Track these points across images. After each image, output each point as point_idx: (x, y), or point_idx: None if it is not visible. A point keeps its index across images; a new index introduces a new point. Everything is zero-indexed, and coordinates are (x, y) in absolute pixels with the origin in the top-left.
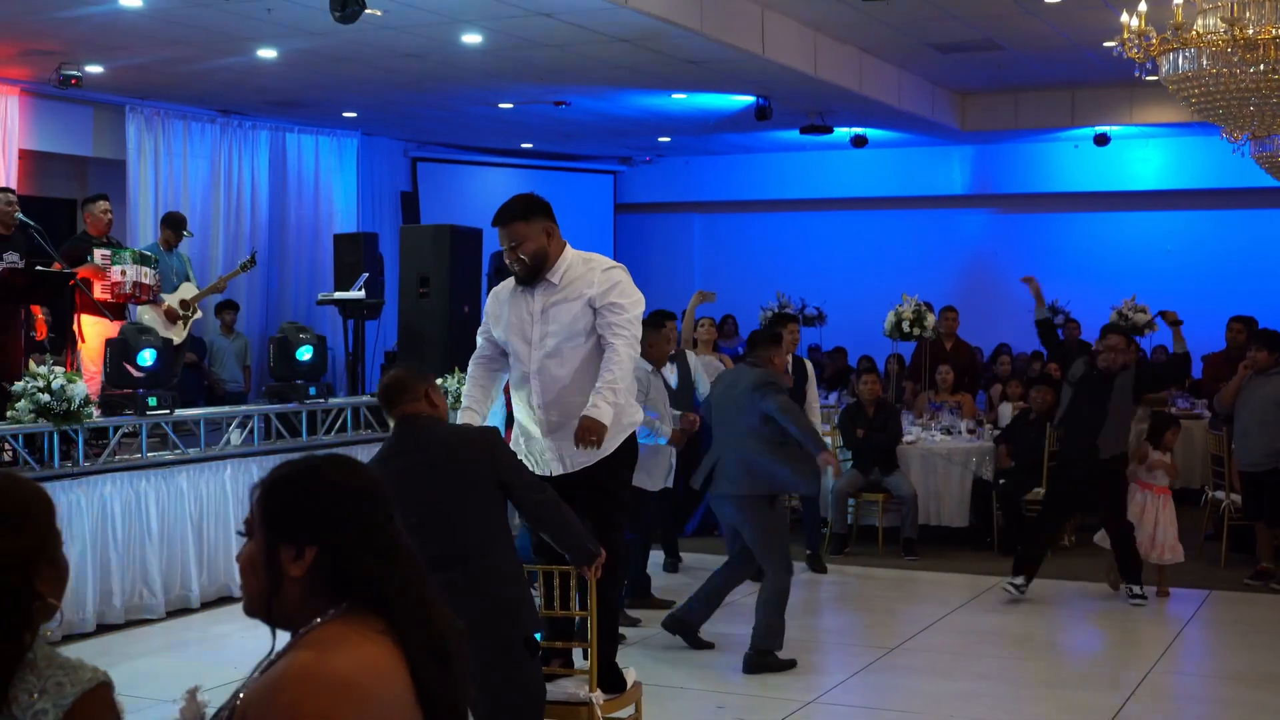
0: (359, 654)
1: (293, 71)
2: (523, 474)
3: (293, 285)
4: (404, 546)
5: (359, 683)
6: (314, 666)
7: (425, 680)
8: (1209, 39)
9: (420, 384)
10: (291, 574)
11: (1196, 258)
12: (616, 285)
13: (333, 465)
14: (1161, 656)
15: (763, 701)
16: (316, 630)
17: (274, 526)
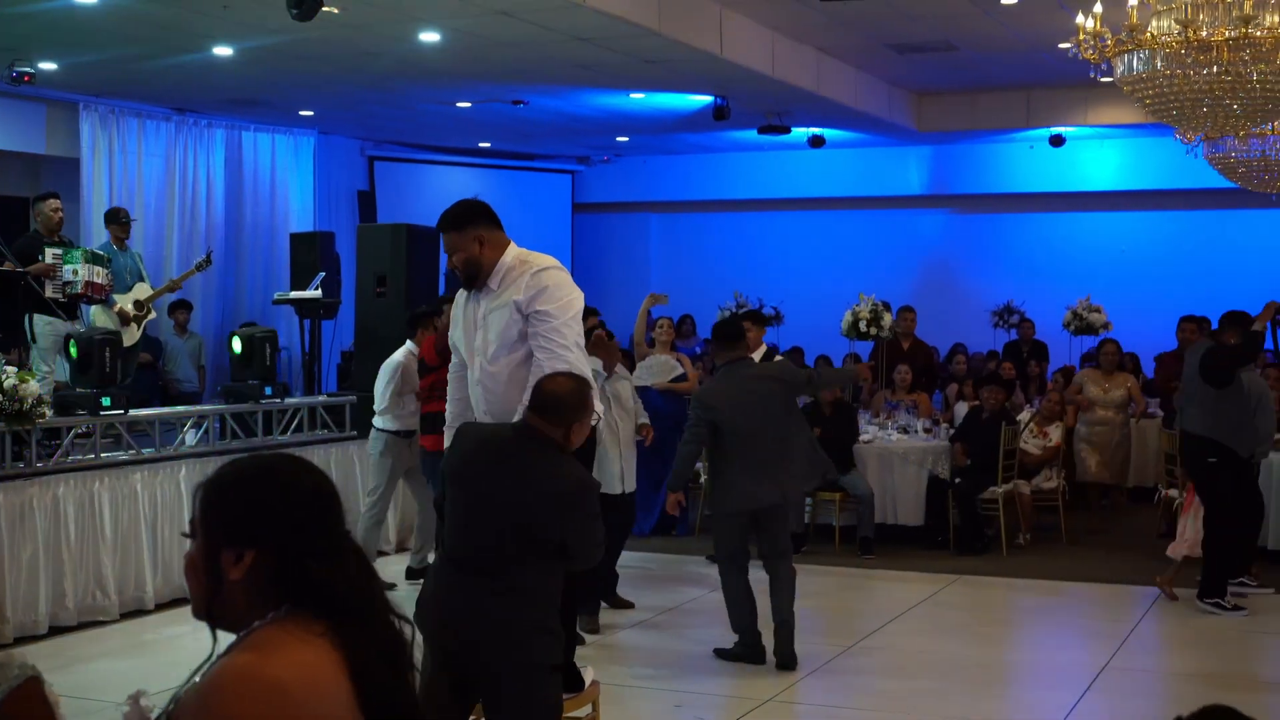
0: (296, 658)
1: (249, 69)
2: (591, 531)
3: (248, 285)
4: (350, 549)
5: (293, 687)
6: (248, 670)
7: (369, 685)
8: (1163, 41)
9: (571, 416)
10: (231, 577)
11: (1150, 258)
12: (544, 291)
13: (276, 466)
14: (1115, 653)
15: (721, 700)
16: (255, 633)
17: (214, 529)
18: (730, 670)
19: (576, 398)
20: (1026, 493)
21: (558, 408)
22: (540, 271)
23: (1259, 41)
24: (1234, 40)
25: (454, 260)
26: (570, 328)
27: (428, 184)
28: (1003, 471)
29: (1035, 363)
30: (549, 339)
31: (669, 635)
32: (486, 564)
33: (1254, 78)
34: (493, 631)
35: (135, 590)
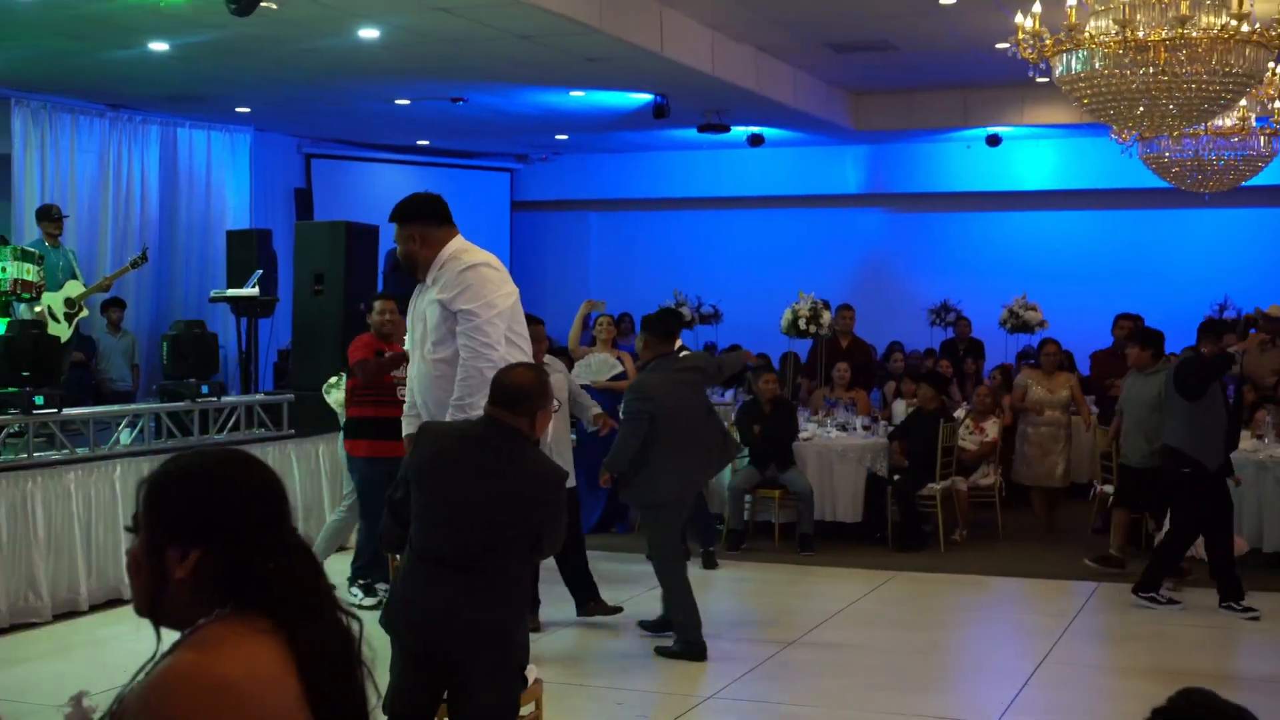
0: (242, 655)
1: (185, 65)
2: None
3: (183, 283)
4: (296, 545)
5: (238, 685)
6: (192, 668)
7: (317, 682)
8: (1101, 41)
9: (534, 405)
10: (176, 575)
11: (1085, 257)
12: (466, 289)
13: (221, 462)
14: (1053, 648)
15: (662, 698)
16: (200, 631)
17: (158, 526)
18: (671, 668)
19: (537, 387)
20: (964, 490)
21: (520, 398)
22: (465, 270)
23: (1195, 42)
24: (1170, 40)
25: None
26: (494, 325)
27: (365, 182)
28: (941, 469)
29: (971, 360)
30: (471, 338)
31: (609, 633)
32: (467, 562)
33: (1190, 78)
34: (469, 629)
35: (68, 592)
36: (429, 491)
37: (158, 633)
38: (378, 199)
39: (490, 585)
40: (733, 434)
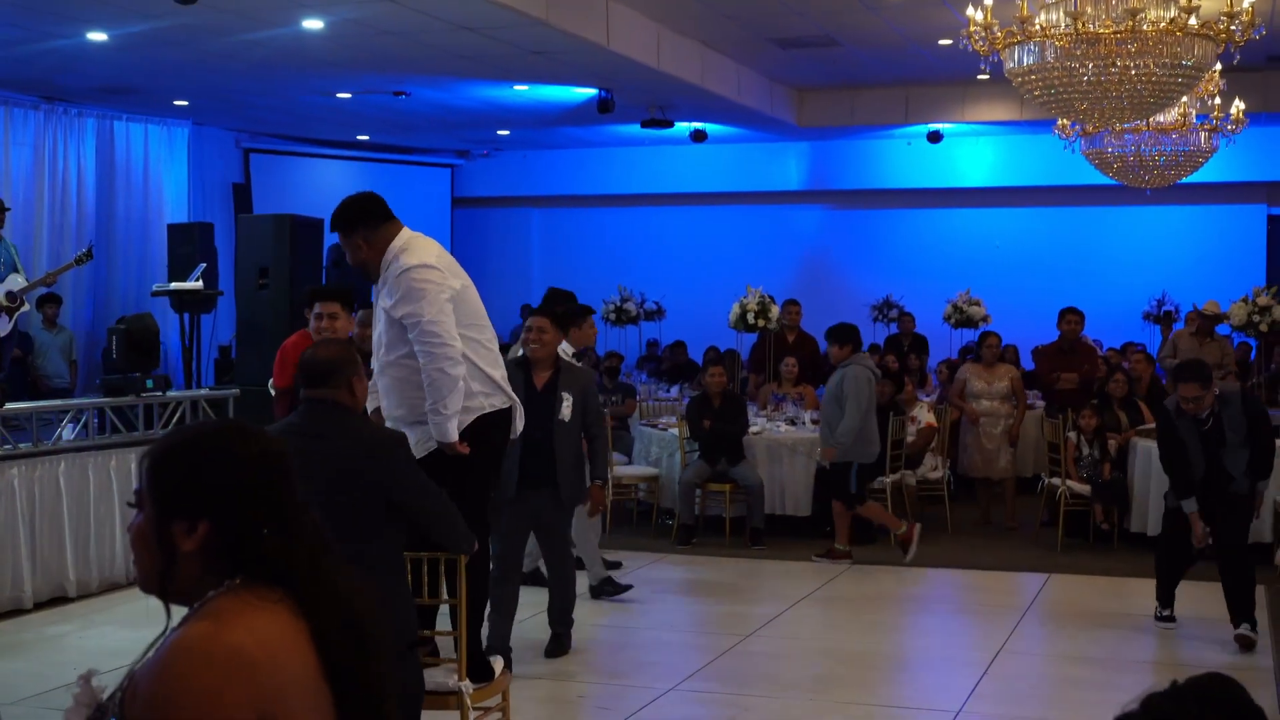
0: (255, 626)
1: (124, 56)
2: (416, 485)
3: (121, 278)
4: (306, 517)
5: (253, 656)
6: (205, 640)
7: (332, 653)
8: (1052, 33)
9: (347, 372)
10: (185, 549)
11: (1027, 252)
12: (404, 296)
13: (224, 433)
14: (1008, 639)
15: (623, 689)
16: (211, 602)
17: (164, 500)
18: (630, 661)
19: (341, 357)
20: (912, 483)
21: (327, 371)
22: (401, 274)
23: (1145, 35)
24: (1120, 34)
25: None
26: (439, 323)
27: (304, 177)
28: (890, 462)
29: (915, 356)
30: (422, 342)
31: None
32: None
33: (1140, 71)
34: None
35: (13, 590)
36: None
37: (167, 609)
38: (317, 195)
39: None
40: (682, 429)
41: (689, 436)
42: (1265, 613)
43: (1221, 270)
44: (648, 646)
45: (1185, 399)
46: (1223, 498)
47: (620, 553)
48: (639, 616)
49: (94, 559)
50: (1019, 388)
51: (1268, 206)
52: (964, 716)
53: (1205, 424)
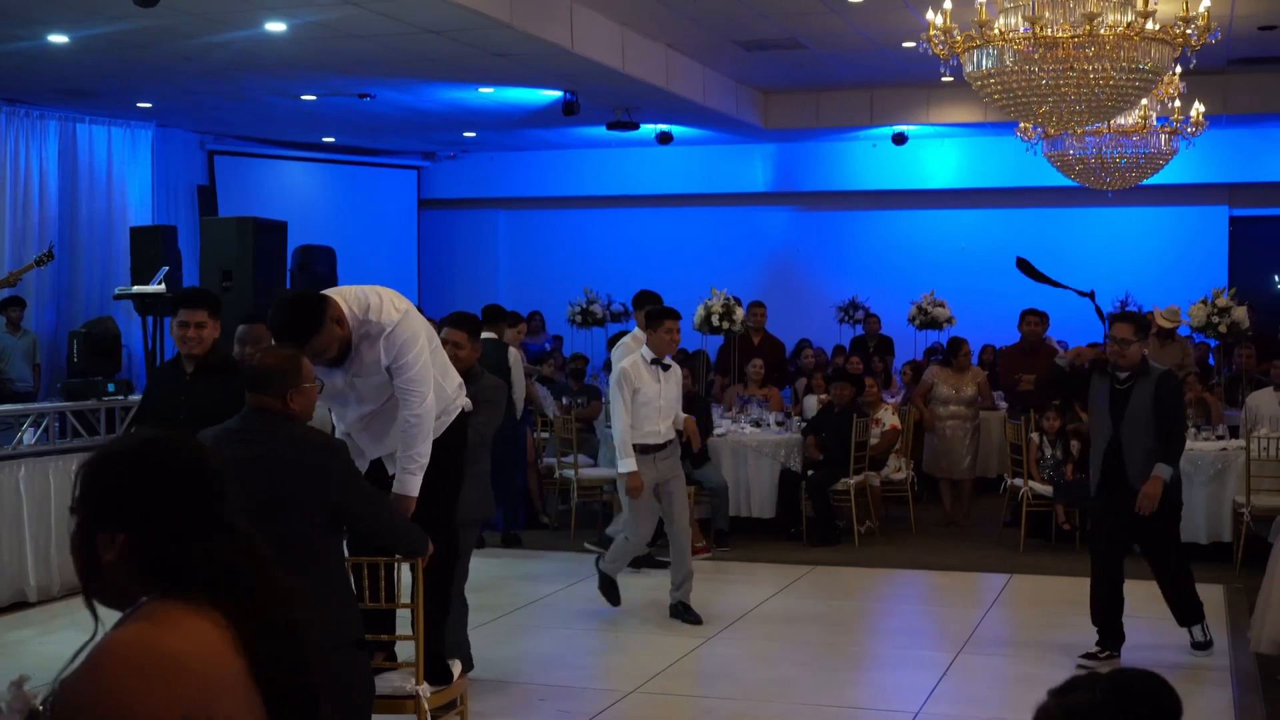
0: (185, 630)
1: (86, 58)
2: (356, 491)
3: (85, 281)
4: (232, 525)
5: (181, 659)
6: (133, 643)
7: (260, 658)
8: (1011, 37)
9: (288, 382)
10: (106, 558)
11: (991, 254)
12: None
13: (155, 445)
14: (969, 639)
15: (584, 692)
16: (143, 607)
17: (88, 510)
18: (592, 664)
19: (288, 364)
20: (877, 484)
21: (267, 378)
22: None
23: (1102, 39)
24: (1078, 38)
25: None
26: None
27: (270, 179)
28: (854, 463)
29: (880, 358)
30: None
31: (533, 629)
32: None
33: (1098, 74)
34: None
35: None
36: None
37: (94, 614)
38: (284, 197)
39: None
40: None
41: None
42: (1225, 612)
43: (1184, 271)
44: (610, 649)
45: (1113, 340)
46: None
47: (586, 555)
48: (602, 619)
49: (55, 563)
50: (986, 391)
51: (1229, 208)
52: (923, 717)
53: (1121, 386)
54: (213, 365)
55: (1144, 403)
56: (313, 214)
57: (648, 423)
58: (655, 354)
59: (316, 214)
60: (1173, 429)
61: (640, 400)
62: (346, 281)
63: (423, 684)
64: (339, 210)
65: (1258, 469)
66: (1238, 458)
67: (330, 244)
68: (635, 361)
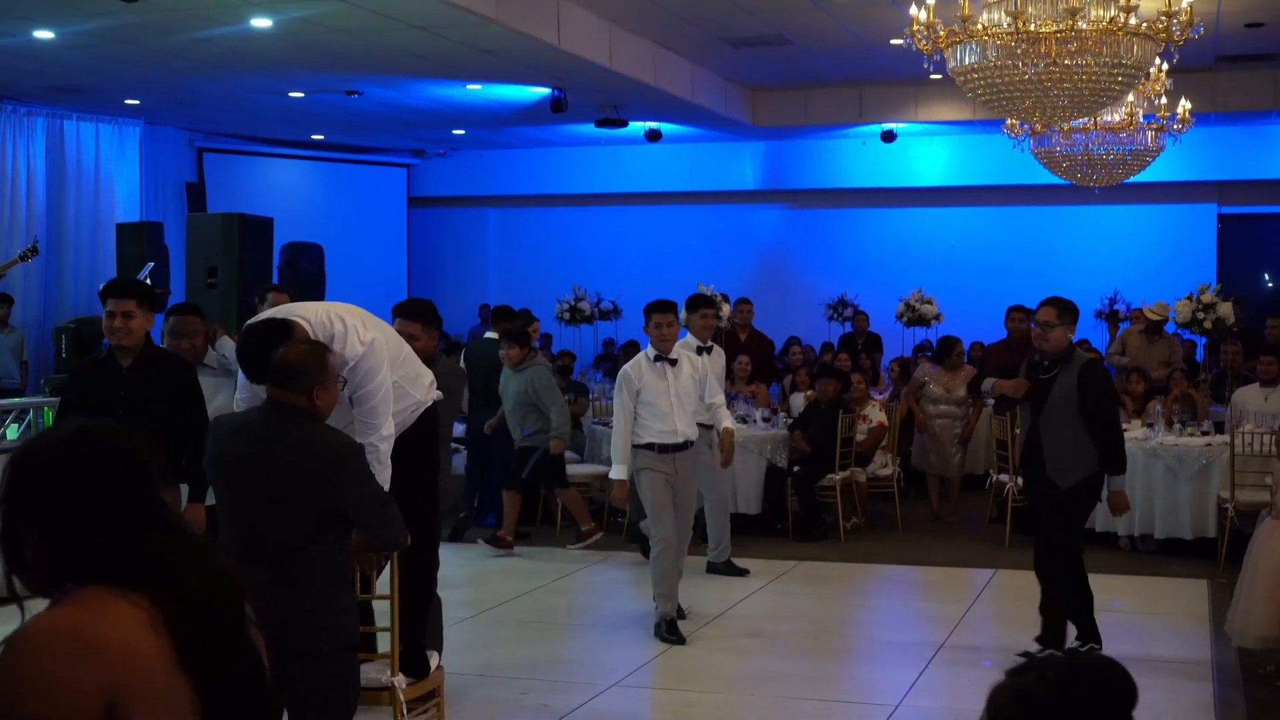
0: (106, 615)
1: (72, 54)
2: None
3: (71, 277)
4: (156, 515)
5: (102, 643)
6: (53, 626)
7: (187, 643)
8: (994, 32)
9: (311, 379)
10: (27, 553)
11: (979, 251)
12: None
13: (81, 439)
14: (952, 632)
15: (566, 686)
16: (70, 593)
17: (11, 504)
18: (572, 659)
19: (312, 359)
20: (863, 480)
21: (293, 373)
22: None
23: (1085, 34)
24: (1061, 33)
25: None
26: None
27: (259, 177)
28: (840, 459)
29: (868, 355)
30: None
31: (513, 624)
32: (268, 553)
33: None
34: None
35: None
36: (221, 488)
37: (21, 609)
38: (273, 194)
39: (296, 577)
40: None
41: None
42: (1208, 607)
43: (1172, 269)
44: (591, 644)
45: (1036, 323)
46: (1042, 486)
47: (571, 551)
48: (584, 614)
49: None
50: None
51: (1218, 206)
52: (903, 709)
53: (1044, 375)
54: (151, 358)
55: (1066, 392)
56: (302, 212)
57: (658, 421)
58: (656, 350)
59: (306, 212)
60: (1103, 430)
61: (645, 400)
62: (337, 279)
63: (398, 675)
64: (329, 208)
65: (1242, 464)
66: (1222, 453)
67: (320, 241)
68: (637, 361)
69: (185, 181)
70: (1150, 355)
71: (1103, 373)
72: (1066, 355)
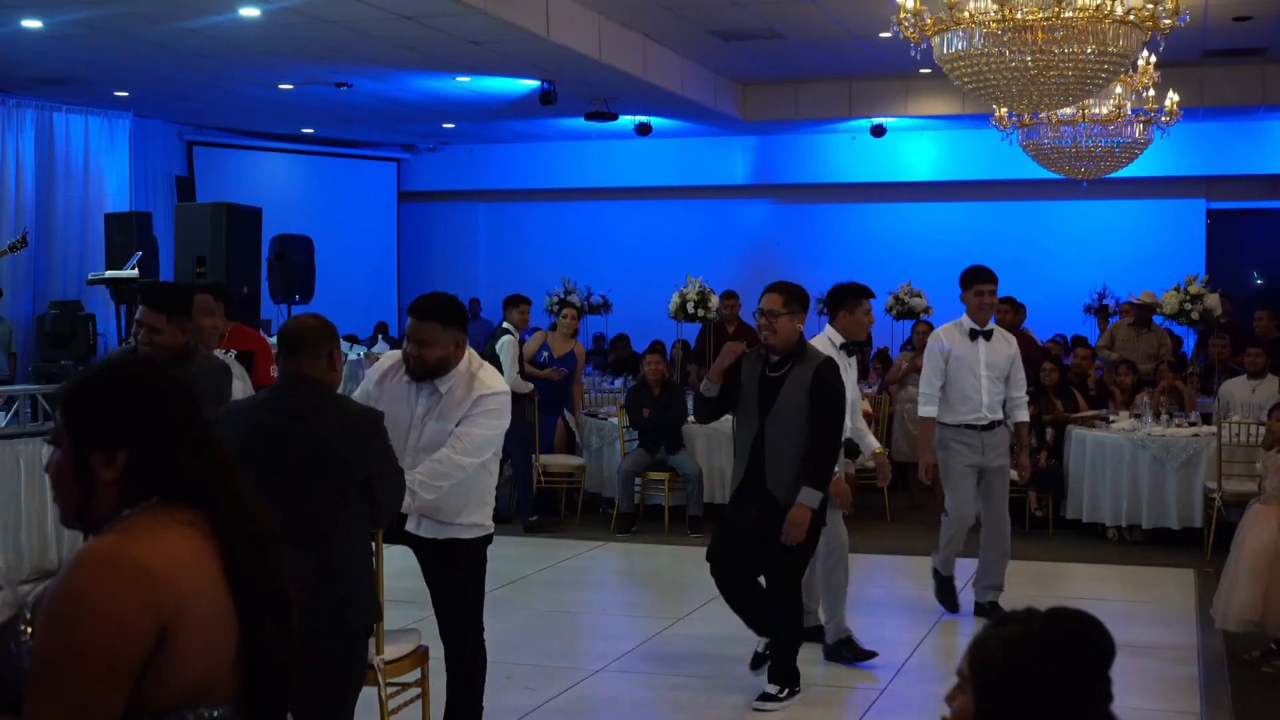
0: (160, 541)
1: (60, 45)
2: (389, 467)
3: (60, 269)
4: (214, 439)
5: (154, 568)
6: (108, 550)
7: (240, 570)
8: (981, 20)
9: (326, 344)
10: (104, 478)
11: (968, 246)
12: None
13: (132, 365)
14: (939, 620)
15: (551, 670)
16: (123, 519)
17: (80, 434)
18: (560, 644)
19: (321, 324)
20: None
21: (308, 339)
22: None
23: (1071, 22)
24: (1048, 20)
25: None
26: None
27: (249, 170)
28: None
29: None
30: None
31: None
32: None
33: (1067, 57)
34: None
35: None
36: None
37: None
38: (262, 188)
39: (330, 552)
40: (622, 418)
41: (628, 425)
42: (1195, 596)
43: (1161, 264)
44: (579, 630)
45: (759, 312)
46: (763, 492)
47: (561, 540)
48: (572, 601)
49: (25, 545)
50: None
51: (1206, 201)
52: (889, 692)
53: (773, 373)
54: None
55: (797, 395)
56: (292, 205)
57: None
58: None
59: (296, 205)
60: (823, 439)
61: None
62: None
63: (381, 654)
64: (319, 201)
65: (1229, 454)
66: (1209, 444)
67: (310, 235)
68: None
69: (175, 175)
70: (1138, 348)
71: (838, 375)
72: (799, 350)
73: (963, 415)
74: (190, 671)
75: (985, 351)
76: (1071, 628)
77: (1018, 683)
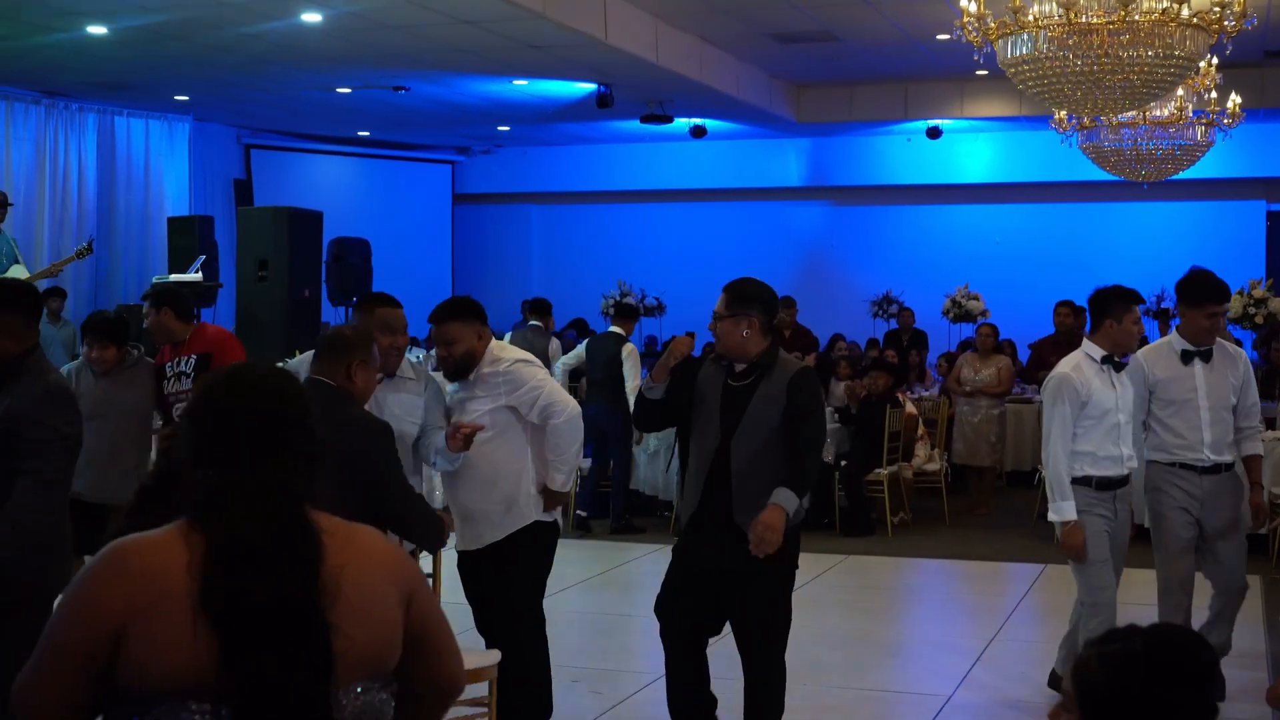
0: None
1: (123, 50)
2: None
3: (122, 272)
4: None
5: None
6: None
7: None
8: (1045, 23)
9: (351, 355)
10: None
11: (1025, 248)
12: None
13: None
14: (1003, 626)
15: (618, 675)
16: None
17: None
18: (625, 648)
19: (359, 335)
20: (909, 475)
21: (339, 345)
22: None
23: (1137, 26)
24: (1113, 24)
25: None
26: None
27: (306, 173)
28: (887, 454)
29: (915, 351)
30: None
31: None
32: None
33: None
34: None
35: None
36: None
37: None
38: (319, 191)
39: None
40: None
41: None
42: (1261, 601)
43: (1220, 266)
44: (640, 633)
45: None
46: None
47: (621, 543)
48: (635, 605)
49: None
50: (1005, 377)
51: (1266, 203)
52: (955, 701)
53: (742, 381)
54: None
55: (768, 409)
56: (348, 207)
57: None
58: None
59: (352, 208)
60: (812, 445)
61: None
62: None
63: None
64: (374, 204)
65: None
66: (1274, 449)
67: (365, 237)
68: (1078, 364)
69: (233, 178)
70: None
71: (815, 384)
72: (768, 359)
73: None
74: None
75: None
76: (1177, 645)
77: (1124, 701)
